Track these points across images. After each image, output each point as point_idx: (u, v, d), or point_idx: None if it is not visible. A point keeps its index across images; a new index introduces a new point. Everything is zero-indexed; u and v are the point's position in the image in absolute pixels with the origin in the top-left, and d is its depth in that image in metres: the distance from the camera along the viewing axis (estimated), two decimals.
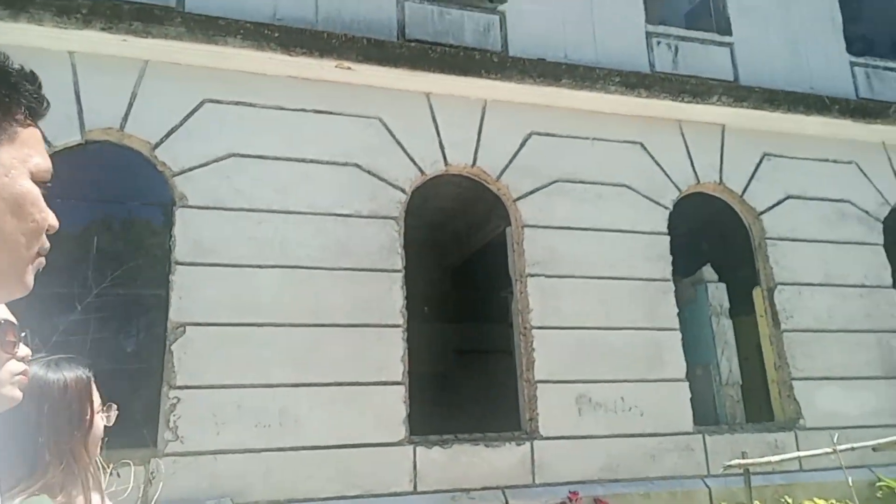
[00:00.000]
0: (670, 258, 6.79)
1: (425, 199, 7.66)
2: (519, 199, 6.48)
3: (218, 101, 5.79)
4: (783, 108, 7.40)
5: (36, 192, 0.71)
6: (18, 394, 1.04)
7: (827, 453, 6.05)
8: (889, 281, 7.46)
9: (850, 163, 7.79)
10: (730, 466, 5.73)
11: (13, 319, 1.08)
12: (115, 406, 1.59)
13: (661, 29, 7.59)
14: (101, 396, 1.55)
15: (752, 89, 7.34)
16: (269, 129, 5.85)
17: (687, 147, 7.23)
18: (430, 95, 6.45)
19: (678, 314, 6.73)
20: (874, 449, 6.26)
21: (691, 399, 6.49)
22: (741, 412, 6.88)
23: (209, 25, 5.67)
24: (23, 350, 1.07)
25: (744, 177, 7.34)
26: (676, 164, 7.13)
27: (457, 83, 6.46)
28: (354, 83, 6.21)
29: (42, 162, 0.72)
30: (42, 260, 0.74)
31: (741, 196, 7.29)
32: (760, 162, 7.45)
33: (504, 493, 5.59)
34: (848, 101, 7.70)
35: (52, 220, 0.74)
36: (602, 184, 6.80)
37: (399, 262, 5.92)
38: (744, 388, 7.05)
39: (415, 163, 6.23)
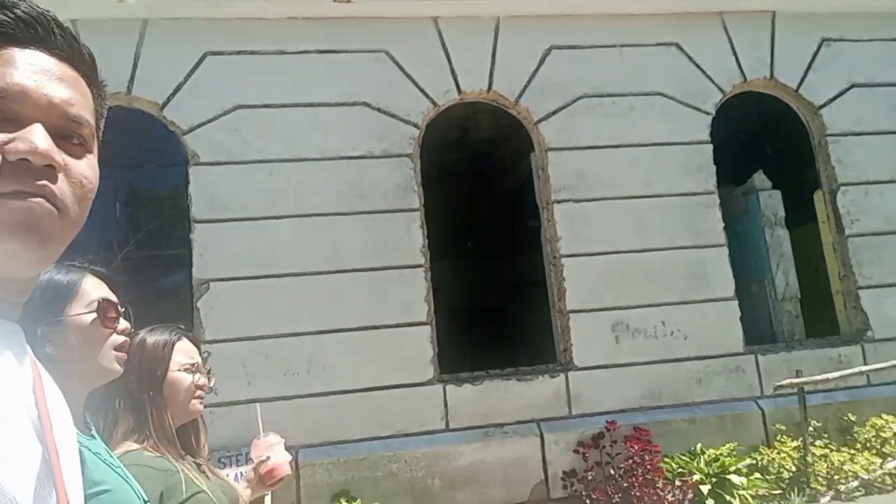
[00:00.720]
0: (714, 169, 6.25)
1: (465, 129, 7.39)
2: (540, 121, 6.09)
3: (219, 53, 5.69)
4: None
5: None
6: (118, 367, 1.14)
7: (893, 366, 5.60)
8: None
9: None
10: (781, 387, 5.40)
11: (113, 297, 1.18)
12: (209, 370, 1.71)
13: None
14: (200, 360, 1.68)
15: None
16: (273, 75, 5.71)
17: (731, 42, 6.51)
18: (438, 20, 6.07)
19: (729, 228, 6.26)
20: None
21: (745, 317, 6.09)
22: (800, 328, 6.42)
23: None
24: (122, 324, 1.17)
25: (799, 68, 6.57)
26: (719, 63, 6.45)
27: (465, 2, 6.04)
28: (358, 16, 5.92)
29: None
30: (9, 203, 0.59)
31: (797, 90, 6.55)
32: (819, 49, 6.62)
33: (539, 425, 5.53)
34: None
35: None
36: (633, 94, 6.27)
37: (416, 201, 5.76)
38: (808, 302, 6.54)
39: (426, 94, 5.94)
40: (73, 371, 1.05)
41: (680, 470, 5.11)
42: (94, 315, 1.13)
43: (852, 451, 5.40)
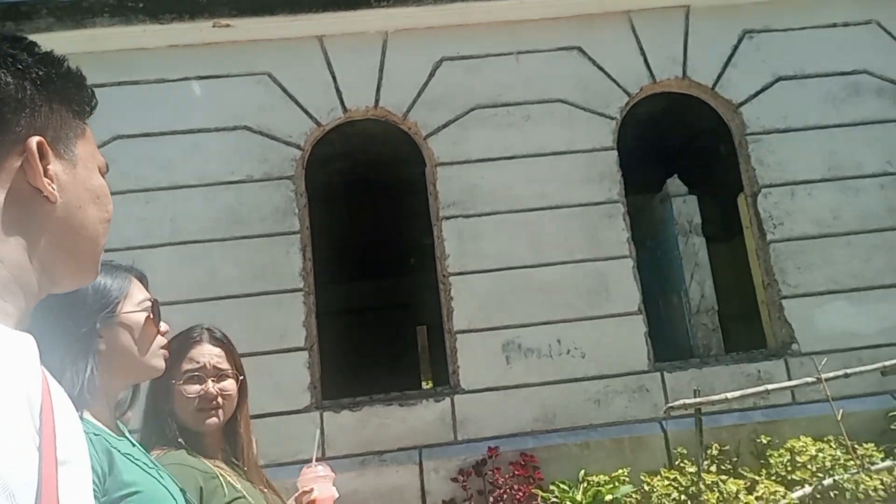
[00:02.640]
0: (619, 176, 5.91)
1: (355, 148, 7.28)
2: (430, 135, 5.90)
3: (100, 85, 5.77)
4: None
5: (104, 184, 0.79)
6: (162, 364, 1.21)
7: (808, 383, 5.14)
8: None
9: (867, 23, 6.24)
10: (672, 408, 5.02)
11: (155, 298, 1.24)
12: (239, 374, 1.69)
13: None
14: (235, 364, 1.68)
15: None
16: (153, 104, 5.74)
17: (639, 42, 6.15)
18: (324, 39, 5.98)
19: (651, 237, 5.91)
20: (882, 373, 5.22)
21: (662, 332, 5.73)
22: (718, 342, 5.95)
23: (75, 11, 5.61)
24: (164, 326, 1.23)
25: (716, 65, 6.14)
26: (625, 65, 6.10)
27: (350, 19, 5.93)
28: (239, 41, 5.90)
29: (102, 158, 0.80)
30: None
31: (713, 88, 6.12)
32: (739, 42, 6.18)
33: (420, 452, 5.31)
34: None
35: (111, 209, 0.81)
36: (531, 102, 6.00)
37: (297, 224, 5.67)
38: (737, 315, 6.07)
39: (310, 114, 5.86)
40: (122, 367, 1.13)
41: (554, 499, 4.80)
42: (147, 314, 1.19)
43: (754, 479, 4.95)
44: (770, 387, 5.10)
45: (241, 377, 1.69)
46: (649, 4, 6.15)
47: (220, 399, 1.60)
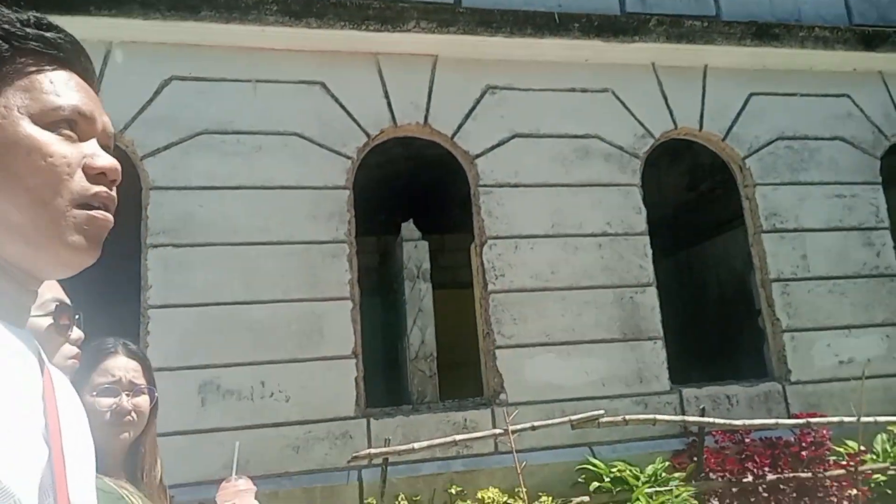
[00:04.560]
0: (348, 216, 5.83)
1: None
2: (147, 156, 5.55)
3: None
4: (504, 31, 6.26)
5: (39, 135, 0.64)
6: (69, 375, 1.06)
7: (495, 435, 5.20)
8: (641, 226, 6.39)
9: (603, 91, 6.64)
10: (357, 457, 4.90)
11: (68, 301, 1.15)
12: (154, 391, 1.58)
13: None
14: (149, 380, 1.57)
15: (464, 11, 6.21)
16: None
17: (384, 85, 6.17)
18: None
19: (388, 280, 5.83)
20: (572, 426, 5.39)
21: (387, 378, 5.62)
22: (433, 389, 5.98)
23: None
24: (76, 333, 1.19)
25: (457, 115, 6.27)
26: (368, 106, 6.09)
27: (75, 24, 5.48)
28: None
29: (50, 102, 0.66)
30: (95, 214, 0.66)
31: (452, 138, 6.23)
32: (482, 96, 6.36)
33: None
34: (598, 16, 6.50)
35: (71, 159, 0.66)
36: (264, 133, 5.81)
37: None
38: (459, 362, 6.13)
39: None
40: None
41: None
42: (50, 320, 1.08)
43: None
44: (458, 437, 5.12)
45: (156, 394, 1.59)
46: (398, 49, 6.20)
47: (133, 415, 1.49)
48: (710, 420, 5.29)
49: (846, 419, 5.25)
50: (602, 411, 5.29)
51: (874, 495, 5.33)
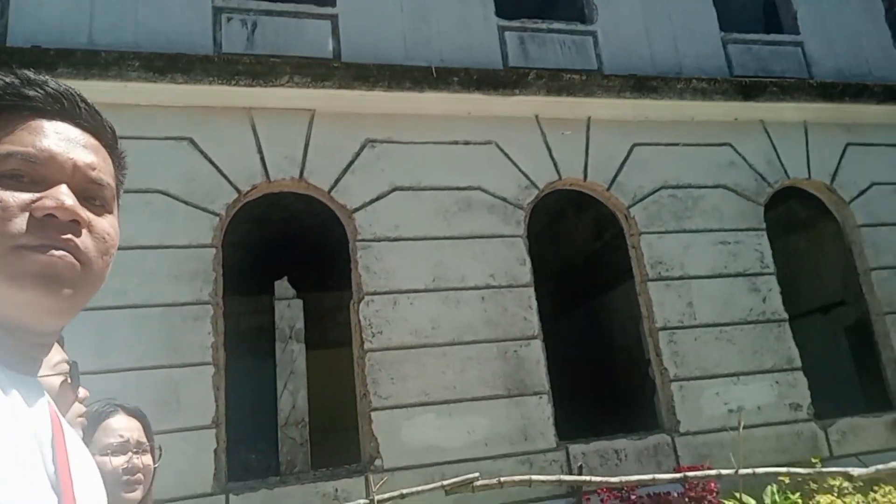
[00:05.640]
0: (214, 275, 5.57)
1: None
2: None
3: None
4: (382, 86, 6.23)
5: None
6: (80, 434, 1.12)
7: None
8: (526, 278, 6.29)
9: (487, 143, 6.63)
10: None
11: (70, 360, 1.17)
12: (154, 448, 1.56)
13: (234, 2, 6.38)
14: (148, 437, 1.55)
15: (339, 66, 6.17)
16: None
17: (257, 139, 6.03)
18: None
19: (262, 340, 5.54)
20: (446, 492, 5.11)
21: (242, 448, 5.27)
22: (304, 457, 5.66)
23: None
24: (82, 392, 1.21)
25: (335, 169, 6.15)
26: (239, 161, 5.92)
27: None
28: None
29: (3, 150, 0.67)
30: (35, 256, 0.65)
31: (329, 192, 6.10)
32: (361, 150, 6.27)
33: None
34: (477, 70, 6.54)
35: (9, 204, 0.66)
36: (127, 191, 5.55)
37: None
38: (336, 427, 5.83)
39: None
40: None
41: None
42: (64, 377, 1.10)
43: None
44: None
45: (160, 453, 1.58)
46: (272, 104, 6.09)
47: (141, 474, 1.48)
48: (587, 478, 5.07)
49: (724, 472, 5.10)
50: (477, 474, 5.02)
51: None
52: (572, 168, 6.77)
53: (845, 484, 5.96)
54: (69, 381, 1.13)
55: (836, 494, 6.00)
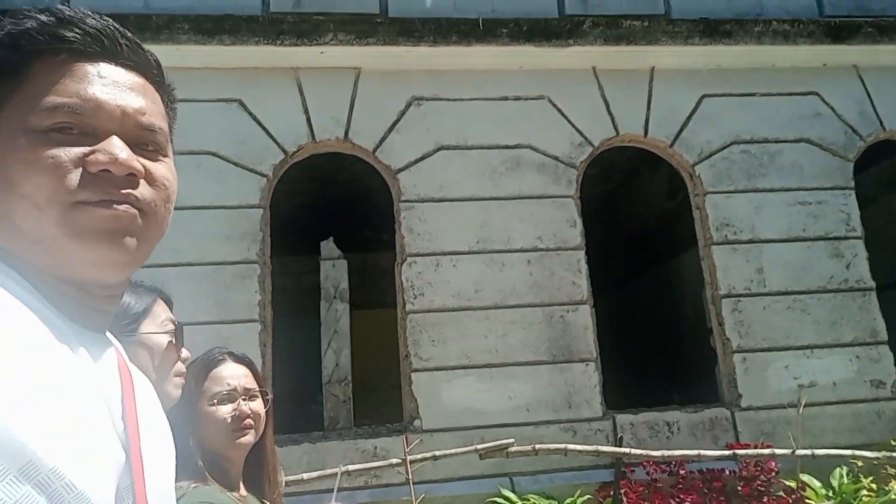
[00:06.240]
0: (261, 235, 5.71)
1: None
2: None
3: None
4: (428, 41, 6.05)
5: (28, 140, 0.63)
6: (178, 393, 1.17)
7: (391, 465, 4.96)
8: (576, 240, 6.02)
9: (539, 98, 6.33)
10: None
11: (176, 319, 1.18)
12: (266, 393, 1.60)
13: None
14: (260, 383, 1.60)
15: (383, 21, 6.03)
16: None
17: (304, 100, 6.05)
18: None
19: (308, 301, 5.68)
20: (480, 456, 5.08)
21: (307, 400, 5.46)
22: (347, 414, 5.75)
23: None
24: (185, 352, 1.19)
25: (380, 129, 6.08)
26: (286, 122, 5.97)
27: None
28: None
29: (45, 104, 0.64)
30: (97, 210, 0.64)
31: (374, 153, 6.04)
32: (407, 108, 6.15)
33: None
34: (527, 20, 6.20)
35: (63, 160, 0.64)
36: (178, 153, 5.70)
37: None
38: (381, 386, 5.89)
39: None
40: None
41: None
42: (170, 337, 1.12)
43: None
44: (351, 467, 4.88)
45: (269, 397, 1.63)
46: (318, 64, 6.07)
47: (251, 419, 1.53)
48: (626, 450, 4.86)
49: (778, 451, 4.73)
50: (512, 440, 4.95)
51: None
52: (632, 123, 6.34)
53: None
54: (174, 340, 1.13)
55: None
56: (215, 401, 1.51)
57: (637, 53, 6.35)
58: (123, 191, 0.65)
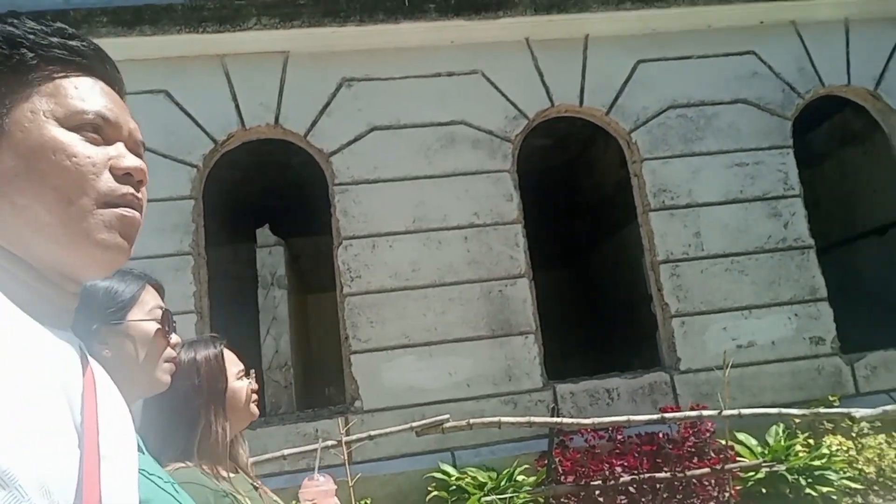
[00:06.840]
0: (194, 227, 5.70)
1: None
2: None
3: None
4: (355, 20, 5.97)
5: (64, 137, 0.67)
6: (168, 379, 1.14)
7: (328, 447, 5.01)
8: (513, 215, 6.02)
9: (472, 73, 6.27)
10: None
11: (166, 308, 1.19)
12: (253, 371, 1.69)
13: None
14: (243, 363, 1.65)
15: (306, 2, 5.94)
16: None
17: (232, 88, 5.99)
18: None
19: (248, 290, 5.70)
20: (416, 433, 5.14)
21: None
22: (289, 400, 5.80)
23: None
24: (174, 338, 1.17)
25: (311, 113, 6.04)
26: (214, 111, 5.93)
27: None
28: None
29: (74, 105, 0.68)
30: (123, 212, 0.69)
31: (305, 137, 6.01)
32: (338, 90, 6.10)
33: None
34: None
35: (96, 159, 0.69)
36: None
37: None
38: (329, 371, 5.94)
39: None
40: (126, 378, 1.01)
41: None
42: (157, 325, 1.13)
43: None
44: (286, 452, 4.95)
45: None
46: (245, 49, 6.00)
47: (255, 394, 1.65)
48: (557, 420, 4.92)
49: (705, 413, 4.79)
50: (447, 416, 5.00)
51: (739, 498, 4.87)
52: (567, 93, 6.30)
53: (864, 425, 5.47)
54: (163, 327, 1.15)
55: (854, 435, 5.53)
56: (242, 375, 1.61)
57: (569, 22, 6.28)
58: (138, 194, 0.71)
